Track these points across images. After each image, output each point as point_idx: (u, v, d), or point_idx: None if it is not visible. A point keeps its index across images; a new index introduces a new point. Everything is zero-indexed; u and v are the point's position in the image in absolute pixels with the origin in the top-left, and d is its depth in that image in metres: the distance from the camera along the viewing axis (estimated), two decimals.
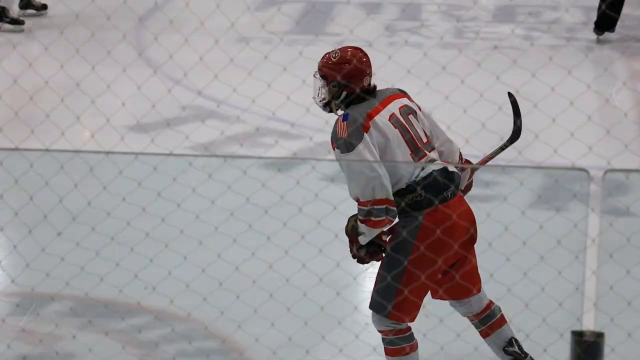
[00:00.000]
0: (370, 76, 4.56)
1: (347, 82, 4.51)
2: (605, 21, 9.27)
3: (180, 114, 7.42)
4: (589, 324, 3.39)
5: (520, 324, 4.87)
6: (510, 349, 4.69)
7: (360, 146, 4.38)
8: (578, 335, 3.19)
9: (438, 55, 6.01)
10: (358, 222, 4.47)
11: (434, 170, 4.45)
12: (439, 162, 4.53)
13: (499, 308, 4.72)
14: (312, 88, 4.57)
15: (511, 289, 4.82)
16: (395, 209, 4.38)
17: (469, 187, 4.72)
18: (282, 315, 4.97)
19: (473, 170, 4.68)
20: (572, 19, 9.95)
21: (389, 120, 4.48)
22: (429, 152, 4.54)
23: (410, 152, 4.48)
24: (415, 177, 4.45)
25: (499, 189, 4.74)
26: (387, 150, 4.44)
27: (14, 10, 9.75)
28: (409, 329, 4.60)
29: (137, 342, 5.05)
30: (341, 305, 5.15)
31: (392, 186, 4.42)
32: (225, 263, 5.03)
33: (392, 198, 4.37)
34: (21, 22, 9.62)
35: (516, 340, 4.70)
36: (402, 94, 4.63)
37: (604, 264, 4.58)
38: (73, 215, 5.34)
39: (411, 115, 4.56)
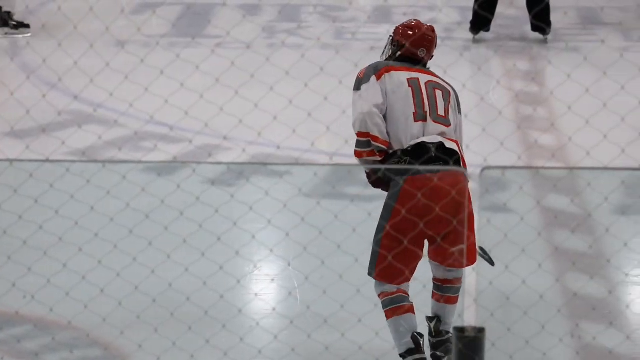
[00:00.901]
0: (428, 53, 4.85)
1: (403, 44, 4.83)
2: (480, 21, 9.43)
3: (56, 119, 7.30)
4: (470, 320, 3.44)
5: None
6: (429, 321, 4.79)
7: (364, 86, 4.71)
8: (459, 331, 3.23)
9: (316, 56, 6.02)
10: None
11: (426, 141, 4.65)
12: (436, 136, 4.66)
13: (459, 289, 4.78)
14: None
15: None
16: (380, 145, 4.67)
17: None
18: (165, 320, 4.93)
19: None
20: (448, 19, 10.09)
21: (407, 79, 4.75)
22: (436, 123, 4.69)
23: (414, 111, 4.70)
24: (412, 139, 4.65)
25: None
26: (391, 101, 4.70)
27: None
28: (399, 291, 4.65)
29: (17, 353, 4.95)
30: (225, 308, 5.13)
31: (390, 143, 4.66)
32: (106, 269, 4.96)
33: (375, 135, 4.65)
34: (26, 26, 9.37)
35: (438, 320, 4.75)
36: (442, 80, 4.83)
37: (483, 260, 4.65)
38: None
39: (439, 90, 4.77)
